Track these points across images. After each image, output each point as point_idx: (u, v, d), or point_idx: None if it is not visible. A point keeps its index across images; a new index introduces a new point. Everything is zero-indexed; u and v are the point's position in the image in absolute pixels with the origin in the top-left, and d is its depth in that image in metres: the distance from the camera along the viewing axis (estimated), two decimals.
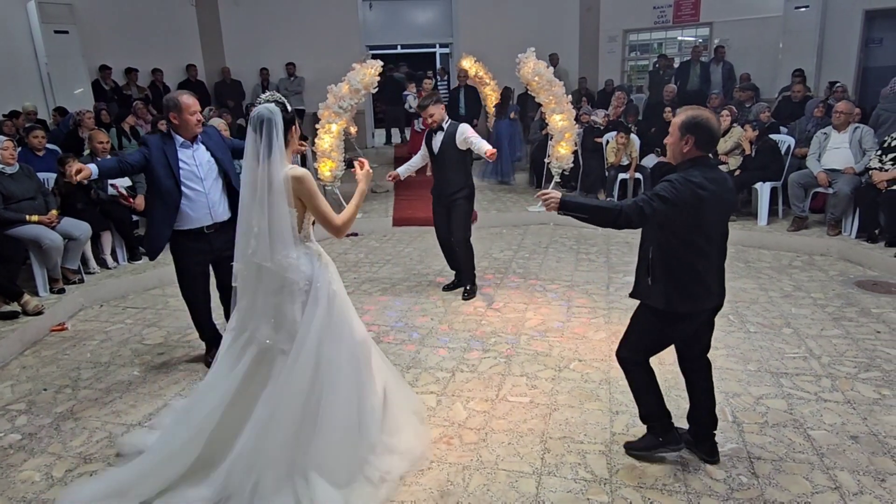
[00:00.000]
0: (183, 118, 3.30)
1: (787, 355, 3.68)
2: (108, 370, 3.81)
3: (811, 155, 6.07)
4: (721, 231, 2.49)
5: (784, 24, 9.71)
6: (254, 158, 2.38)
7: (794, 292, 4.70)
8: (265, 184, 2.36)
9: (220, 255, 3.51)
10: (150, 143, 3.36)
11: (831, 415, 3.02)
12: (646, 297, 2.53)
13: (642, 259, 2.56)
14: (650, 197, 2.34)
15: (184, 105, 3.28)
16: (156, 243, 3.45)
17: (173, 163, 3.32)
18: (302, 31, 11.02)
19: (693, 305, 2.47)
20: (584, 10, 11.62)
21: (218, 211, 3.47)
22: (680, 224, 2.38)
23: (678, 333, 2.59)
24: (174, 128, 3.36)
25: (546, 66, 6.89)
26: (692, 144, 2.40)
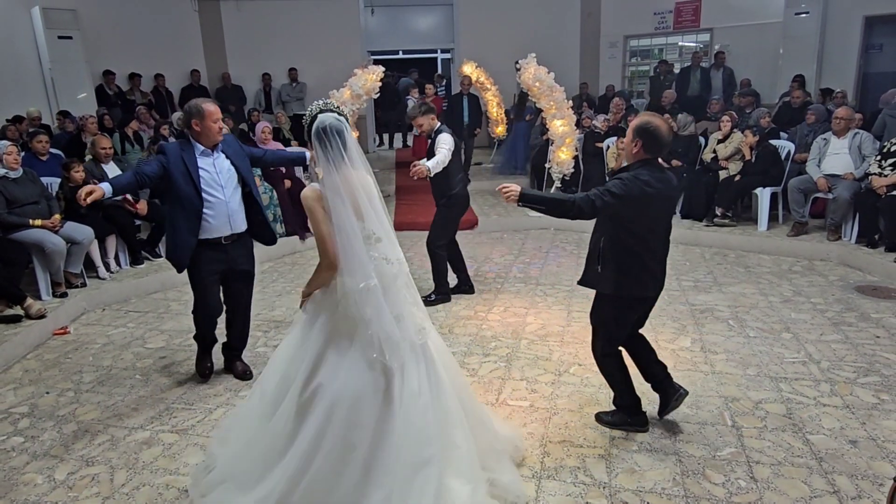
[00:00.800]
0: (206, 125, 3.21)
1: (786, 360, 3.69)
2: (111, 374, 3.83)
3: (811, 160, 6.09)
4: (665, 226, 2.78)
5: (784, 30, 9.75)
6: (328, 170, 2.27)
7: (794, 297, 4.72)
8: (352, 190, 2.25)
9: (234, 268, 3.44)
10: (168, 151, 3.24)
11: (830, 419, 3.03)
12: (595, 284, 2.81)
13: (593, 249, 2.81)
14: (602, 191, 2.59)
15: (207, 112, 3.19)
16: (181, 253, 3.30)
17: (192, 170, 3.21)
18: (304, 37, 11.08)
19: (641, 290, 2.76)
20: (585, 16, 11.68)
21: (237, 220, 3.38)
22: (628, 217, 2.65)
23: (632, 317, 2.87)
24: (195, 135, 3.26)
25: (546, 72, 6.92)
26: (640, 147, 2.66)
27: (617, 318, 2.84)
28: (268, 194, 6.43)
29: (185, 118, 3.26)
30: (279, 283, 5.55)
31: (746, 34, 10.37)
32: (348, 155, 2.28)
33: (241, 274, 3.52)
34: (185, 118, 3.26)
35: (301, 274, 5.76)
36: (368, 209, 2.28)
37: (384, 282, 2.31)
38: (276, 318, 4.71)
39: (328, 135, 2.26)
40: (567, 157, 7.01)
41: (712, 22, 10.73)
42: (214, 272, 3.41)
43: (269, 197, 6.43)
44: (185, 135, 3.39)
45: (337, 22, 11.18)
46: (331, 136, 2.26)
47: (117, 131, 7.49)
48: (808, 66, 9.48)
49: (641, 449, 2.83)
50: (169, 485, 2.70)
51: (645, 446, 2.85)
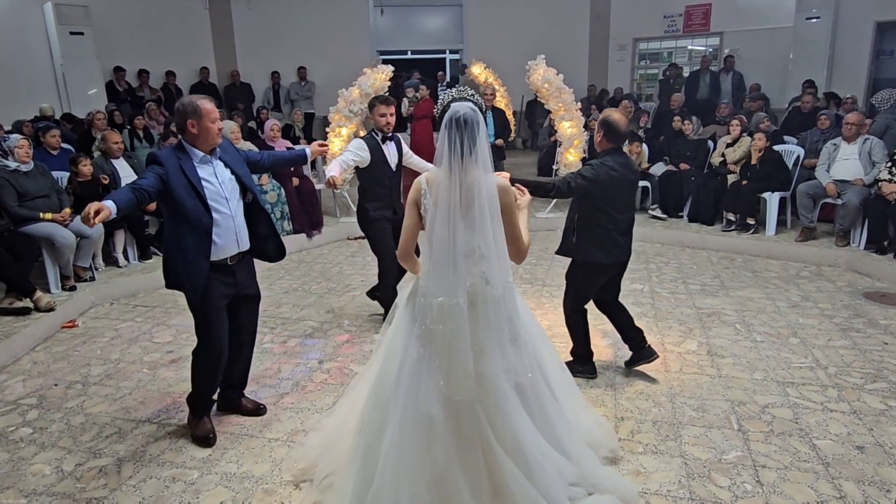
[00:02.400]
0: (203, 126, 2.73)
1: (793, 365, 3.67)
2: (118, 367, 3.85)
3: (820, 165, 6.07)
4: (628, 203, 3.35)
5: (795, 35, 9.72)
6: (449, 166, 2.06)
7: (802, 302, 4.70)
8: (471, 196, 2.05)
9: (241, 293, 2.99)
10: (164, 160, 2.71)
11: (837, 425, 3.02)
12: (570, 253, 3.37)
13: (569, 223, 3.36)
14: (575, 175, 3.19)
15: (205, 111, 2.72)
16: (196, 279, 2.76)
17: (195, 181, 2.72)
18: (313, 36, 11.12)
19: (607, 258, 3.27)
20: (595, 19, 11.68)
21: (243, 237, 2.92)
22: (597, 196, 3.18)
23: (599, 281, 3.40)
24: (191, 139, 2.76)
25: (555, 74, 6.92)
26: (603, 136, 3.23)
27: (587, 280, 3.40)
28: (276, 192, 6.45)
29: (179, 119, 2.76)
30: (286, 280, 5.56)
31: (756, 38, 10.35)
32: (477, 153, 2.06)
33: (249, 298, 3.06)
34: (179, 119, 2.76)
35: (307, 272, 5.78)
36: (481, 220, 2.05)
37: (477, 306, 2.09)
38: (282, 314, 4.73)
39: (459, 126, 2.05)
40: (575, 159, 7.00)
41: (722, 26, 10.71)
42: (223, 301, 2.90)
43: (277, 195, 6.45)
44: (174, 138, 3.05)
45: (346, 21, 11.23)
46: (463, 129, 2.05)
47: (127, 127, 7.54)
48: (818, 72, 9.45)
49: (647, 451, 2.83)
50: (175, 478, 2.72)
51: (650, 448, 2.85)
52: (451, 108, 2.09)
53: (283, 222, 6.48)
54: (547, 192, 3.16)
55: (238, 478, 2.71)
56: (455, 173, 2.05)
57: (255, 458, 2.85)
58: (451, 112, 2.09)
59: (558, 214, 7.50)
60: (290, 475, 2.69)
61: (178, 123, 2.81)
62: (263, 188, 6.37)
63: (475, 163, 2.06)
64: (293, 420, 3.18)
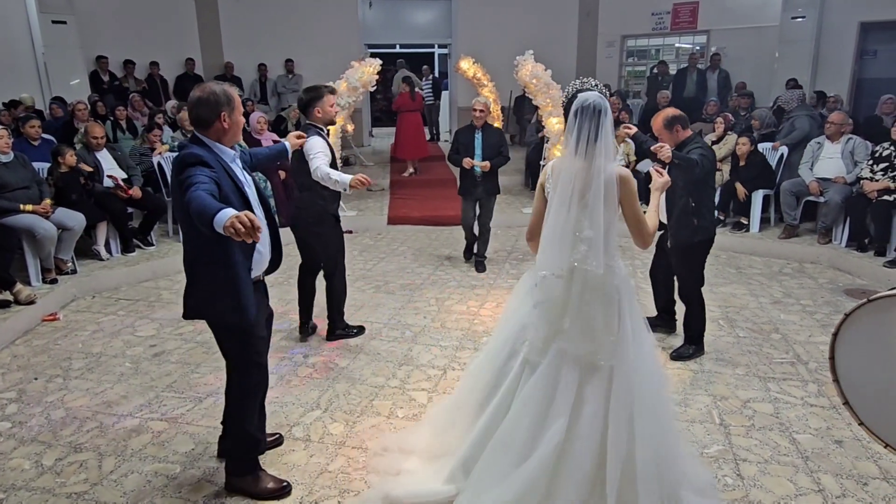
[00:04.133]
0: (235, 120, 2.33)
1: (774, 360, 3.72)
2: (100, 361, 3.81)
3: (804, 164, 6.13)
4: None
5: (780, 34, 9.79)
6: (573, 151, 2.15)
7: (784, 299, 4.75)
8: (589, 181, 2.13)
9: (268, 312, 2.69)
10: (208, 160, 2.22)
11: (817, 419, 3.07)
12: (698, 234, 3.55)
13: (683, 209, 3.54)
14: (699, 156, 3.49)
15: (237, 101, 2.34)
16: (248, 298, 2.35)
17: (239, 183, 2.34)
18: (301, 29, 11.02)
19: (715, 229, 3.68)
20: (584, 15, 11.67)
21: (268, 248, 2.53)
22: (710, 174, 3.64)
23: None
24: (218, 134, 2.31)
25: (544, 69, 6.92)
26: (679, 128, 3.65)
27: (704, 258, 3.66)
28: (262, 184, 6.40)
29: (209, 110, 2.27)
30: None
31: (743, 37, 10.41)
32: (601, 140, 2.12)
33: (270, 317, 2.73)
34: (209, 110, 2.27)
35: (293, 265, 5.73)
36: (594, 205, 2.13)
37: (575, 284, 2.18)
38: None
39: (587, 113, 2.12)
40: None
41: (709, 24, 10.77)
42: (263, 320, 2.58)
43: (264, 187, 6.40)
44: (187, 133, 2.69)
45: (335, 14, 11.13)
46: (591, 115, 2.12)
47: (110, 118, 7.44)
48: (803, 71, 9.53)
49: None
50: (158, 472, 2.70)
51: None
52: (580, 97, 2.17)
53: None
54: (692, 168, 3.39)
55: (221, 472, 2.68)
56: (580, 158, 2.16)
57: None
58: (579, 100, 2.16)
59: None
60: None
61: (204, 116, 2.28)
62: None
63: (599, 149, 2.14)
64: (277, 415, 3.16)
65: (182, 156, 2.22)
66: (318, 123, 3.67)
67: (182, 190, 2.12)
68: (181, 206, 2.17)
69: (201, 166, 2.18)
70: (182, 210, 2.19)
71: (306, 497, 2.53)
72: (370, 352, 3.88)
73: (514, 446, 2.19)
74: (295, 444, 2.92)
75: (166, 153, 6.23)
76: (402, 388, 3.44)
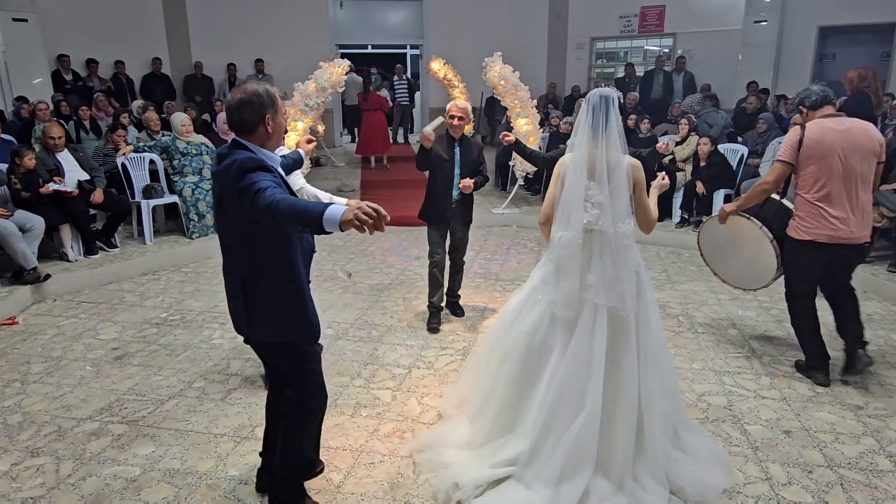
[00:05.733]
0: (279, 123, 2.16)
1: (730, 354, 3.83)
2: (60, 365, 3.75)
3: (764, 162, 6.31)
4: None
5: (743, 38, 10.06)
6: (588, 137, 2.46)
7: (742, 295, 4.88)
8: (603, 164, 2.44)
9: None
10: (269, 166, 2.05)
11: (767, 411, 3.18)
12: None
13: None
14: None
15: (280, 103, 2.18)
16: (315, 314, 2.24)
17: (294, 190, 2.26)
18: (271, 28, 10.94)
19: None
20: (553, 17, 11.81)
21: None
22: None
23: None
24: (262, 139, 2.12)
25: (511, 71, 7.00)
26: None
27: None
28: None
29: (252, 112, 2.07)
30: None
31: (708, 40, 10.64)
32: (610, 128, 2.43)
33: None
34: (252, 112, 2.07)
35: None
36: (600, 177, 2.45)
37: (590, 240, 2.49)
38: None
39: (598, 103, 2.44)
40: None
41: (676, 27, 10.98)
42: None
43: None
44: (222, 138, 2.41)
45: (305, 14, 11.08)
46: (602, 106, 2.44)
47: (73, 118, 7.31)
48: (765, 73, 9.81)
49: None
50: (117, 475, 2.68)
51: None
52: (593, 91, 2.51)
53: None
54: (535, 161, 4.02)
55: (181, 474, 2.69)
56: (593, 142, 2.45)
57: (199, 454, 2.83)
58: (592, 93, 2.49)
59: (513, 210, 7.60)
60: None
61: (247, 120, 2.08)
62: None
63: (610, 133, 2.44)
64: (240, 416, 3.16)
65: (240, 161, 1.99)
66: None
67: (248, 197, 1.91)
68: (239, 215, 2.00)
69: (262, 171, 1.99)
70: (236, 219, 2.05)
71: (264, 498, 2.54)
72: (336, 352, 3.89)
73: (567, 408, 2.41)
74: (257, 444, 2.91)
75: (130, 154, 6.15)
76: (367, 387, 3.47)
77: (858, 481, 2.61)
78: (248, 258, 2.13)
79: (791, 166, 3.33)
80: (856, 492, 2.55)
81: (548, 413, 2.44)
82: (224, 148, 2.12)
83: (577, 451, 2.37)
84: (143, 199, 6.06)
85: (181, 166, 6.14)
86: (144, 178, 6.26)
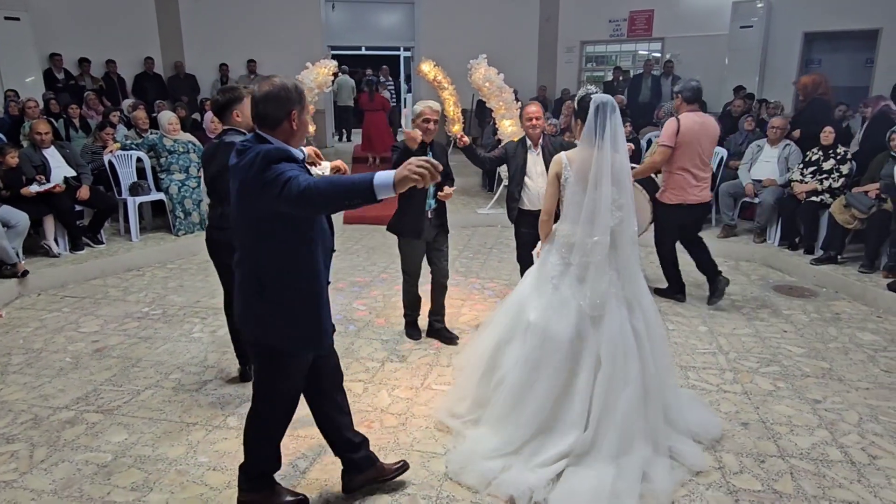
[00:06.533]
0: (304, 120, 2.09)
1: (698, 350, 3.92)
2: (40, 356, 3.82)
3: (743, 164, 6.42)
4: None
5: (729, 43, 10.17)
6: (597, 142, 2.61)
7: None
8: (615, 163, 2.62)
9: None
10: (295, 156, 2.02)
11: (728, 404, 3.26)
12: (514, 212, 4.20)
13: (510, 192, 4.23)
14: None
15: (307, 99, 2.17)
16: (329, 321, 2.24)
17: None
18: (263, 29, 11.02)
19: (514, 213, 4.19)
20: (543, 21, 11.92)
21: None
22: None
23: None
24: (287, 135, 2.05)
25: (496, 73, 7.09)
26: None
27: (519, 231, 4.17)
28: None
29: (279, 107, 2.01)
30: None
31: (695, 45, 10.76)
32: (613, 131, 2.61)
33: None
34: (279, 107, 2.01)
35: None
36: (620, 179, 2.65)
37: (616, 240, 2.67)
38: (215, 305, 4.72)
39: (604, 110, 2.61)
40: None
41: (664, 32, 11.10)
42: None
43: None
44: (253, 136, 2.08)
45: (297, 15, 11.16)
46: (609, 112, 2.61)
47: (63, 116, 7.37)
48: (751, 78, 9.91)
49: None
50: (88, 461, 2.75)
51: None
52: (595, 97, 2.66)
53: None
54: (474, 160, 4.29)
55: (152, 460, 2.76)
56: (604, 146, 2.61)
57: (171, 442, 2.90)
58: (596, 100, 2.64)
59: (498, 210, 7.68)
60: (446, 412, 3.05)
61: (272, 114, 2.01)
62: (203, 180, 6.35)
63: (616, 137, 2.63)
64: (214, 406, 3.23)
65: (265, 152, 1.92)
66: (239, 128, 3.12)
67: (275, 188, 1.85)
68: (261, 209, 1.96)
69: (289, 161, 1.92)
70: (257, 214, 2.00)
71: (232, 482, 2.61)
72: None
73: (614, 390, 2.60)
74: (228, 432, 2.99)
75: (118, 151, 6.22)
76: None
77: (808, 470, 2.70)
78: (267, 256, 2.05)
79: (671, 149, 4.35)
80: (804, 480, 2.63)
81: (602, 399, 2.61)
82: (245, 142, 2.05)
83: (629, 424, 2.58)
84: (129, 196, 6.13)
85: (168, 164, 6.21)
86: (132, 175, 6.33)
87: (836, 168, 5.55)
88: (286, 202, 1.84)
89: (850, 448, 2.86)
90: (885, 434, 2.98)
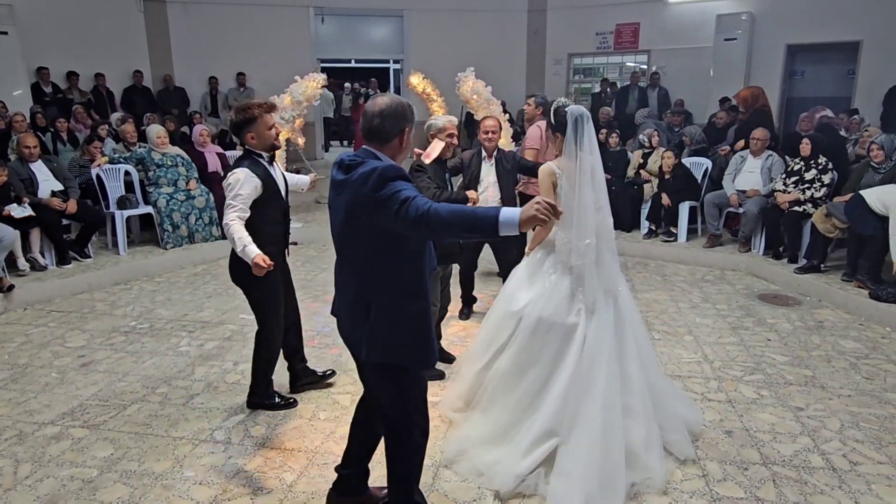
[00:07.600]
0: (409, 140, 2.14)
1: (683, 360, 3.96)
2: (25, 371, 3.80)
3: (727, 175, 6.50)
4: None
5: (714, 55, 10.32)
6: (578, 150, 2.77)
7: (702, 304, 5.04)
8: (594, 168, 2.80)
9: None
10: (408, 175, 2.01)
11: (712, 412, 3.30)
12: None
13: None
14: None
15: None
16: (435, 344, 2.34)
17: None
18: (253, 42, 11.06)
19: None
20: (531, 34, 12.06)
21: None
22: None
23: None
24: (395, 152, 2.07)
25: (484, 85, 7.16)
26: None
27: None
28: (204, 197, 6.43)
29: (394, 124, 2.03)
30: (210, 285, 5.57)
31: (681, 57, 10.91)
32: (590, 140, 2.80)
33: None
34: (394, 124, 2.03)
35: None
36: (600, 182, 2.83)
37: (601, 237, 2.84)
38: (203, 318, 4.74)
39: (581, 122, 2.78)
40: None
41: (650, 44, 11.25)
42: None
43: (206, 200, 6.44)
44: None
45: (287, 28, 11.22)
46: (583, 124, 2.78)
47: (50, 130, 7.36)
48: (736, 89, 9.96)
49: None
50: (73, 476, 2.74)
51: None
52: (571, 109, 2.81)
53: (211, 228, 6.47)
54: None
55: (138, 475, 2.75)
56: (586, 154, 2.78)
57: (157, 456, 2.90)
58: (573, 112, 2.80)
59: None
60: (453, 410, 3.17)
61: (388, 130, 2.01)
62: (191, 193, 6.35)
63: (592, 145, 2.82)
64: (201, 420, 3.23)
65: (382, 169, 1.89)
66: (256, 150, 3.06)
67: (391, 207, 1.83)
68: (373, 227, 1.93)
69: (404, 181, 1.89)
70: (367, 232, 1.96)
71: (220, 496, 2.61)
72: None
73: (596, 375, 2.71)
74: (215, 446, 2.99)
75: (105, 165, 6.22)
76: (327, 391, 3.55)
77: (790, 477, 2.73)
78: (374, 274, 2.01)
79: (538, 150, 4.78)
80: (786, 487, 2.67)
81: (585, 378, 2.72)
82: (352, 156, 2.03)
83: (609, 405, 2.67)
84: (117, 209, 6.12)
85: (156, 177, 6.22)
86: (119, 188, 6.33)
87: (818, 178, 5.65)
88: (402, 223, 1.82)
89: (832, 455, 2.90)
90: (865, 440, 3.02)
